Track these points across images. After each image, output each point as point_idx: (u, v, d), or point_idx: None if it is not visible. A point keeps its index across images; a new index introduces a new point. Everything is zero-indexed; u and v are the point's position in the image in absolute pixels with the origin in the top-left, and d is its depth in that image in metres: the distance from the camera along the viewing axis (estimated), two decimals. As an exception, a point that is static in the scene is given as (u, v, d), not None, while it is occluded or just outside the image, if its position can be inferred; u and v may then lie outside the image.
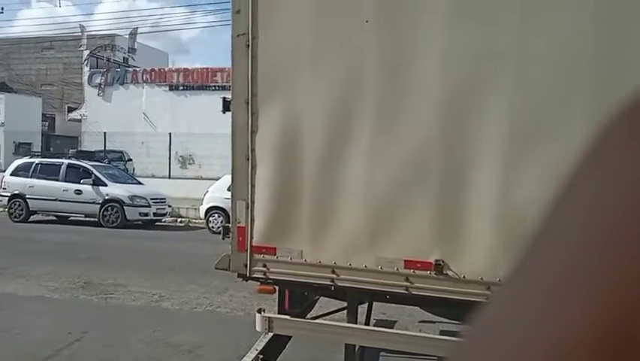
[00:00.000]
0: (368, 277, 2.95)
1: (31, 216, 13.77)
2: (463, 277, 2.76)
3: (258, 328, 3.40)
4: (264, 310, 3.42)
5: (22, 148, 22.62)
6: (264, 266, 3.21)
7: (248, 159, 3.08)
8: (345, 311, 3.40)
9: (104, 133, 21.12)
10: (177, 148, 21.92)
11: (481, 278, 2.72)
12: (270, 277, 3.26)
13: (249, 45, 2.93)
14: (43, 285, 6.93)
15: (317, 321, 3.64)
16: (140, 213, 13.21)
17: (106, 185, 13.35)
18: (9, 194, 13.83)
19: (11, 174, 14.14)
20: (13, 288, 6.77)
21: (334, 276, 3.02)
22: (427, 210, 2.82)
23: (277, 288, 3.47)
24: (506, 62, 2.70)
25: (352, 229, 2.97)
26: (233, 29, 3.00)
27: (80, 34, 29.83)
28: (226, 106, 3.26)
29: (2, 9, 29.83)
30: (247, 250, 3.17)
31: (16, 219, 13.64)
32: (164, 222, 14.12)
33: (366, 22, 2.82)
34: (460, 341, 0.22)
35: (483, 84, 2.74)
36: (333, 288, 3.13)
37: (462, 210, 2.78)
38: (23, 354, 4.58)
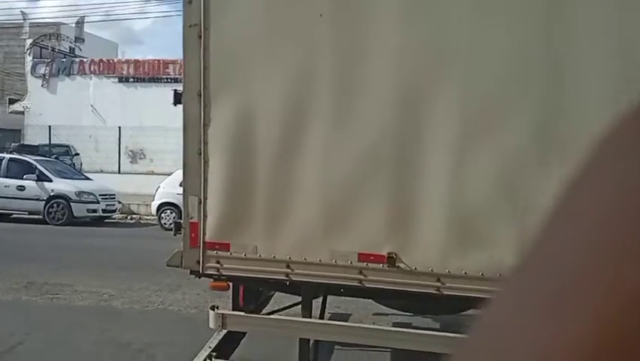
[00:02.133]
0: (323, 270, 2.96)
1: (-31, 214, 13.02)
2: (415, 269, 2.81)
3: (212, 325, 3.35)
4: (217, 307, 3.37)
5: (-42, 142, 21.30)
6: (218, 262, 3.16)
7: (200, 153, 3.01)
8: (300, 306, 3.40)
9: (49, 126, 20.21)
10: (127, 142, 21.26)
11: (432, 270, 2.78)
12: (224, 273, 3.21)
13: (200, 36, 2.86)
14: (-19, 286, 6.56)
15: (271, 317, 3.63)
16: (87, 210, 12.75)
17: (51, 180, 12.79)
18: (-57, 190, 13.02)
19: (-54, 170, 13.31)
20: (-52, 290, 6.38)
21: (289, 271, 3.01)
22: (380, 204, 2.85)
23: (231, 284, 3.43)
24: (457, 57, 2.76)
25: (306, 223, 2.97)
26: (184, 20, 2.92)
27: (21, 21, 28.31)
28: (177, 98, 3.18)
29: None
30: (200, 246, 3.11)
31: (-49, 218, 12.87)
32: (114, 219, 13.69)
33: (320, 15, 2.81)
34: (463, 340, 0.22)
35: (435, 79, 2.79)
36: (288, 283, 3.12)
37: (414, 204, 2.83)
38: (-41, 359, 4.33)
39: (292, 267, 3.00)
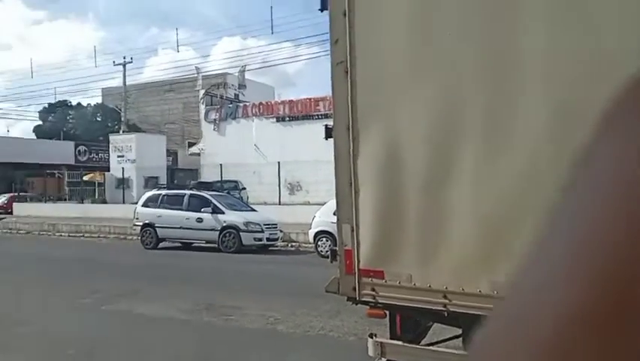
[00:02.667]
0: (483, 302, 2.79)
1: (160, 243, 15.08)
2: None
3: (371, 353, 3.37)
4: (375, 335, 3.40)
5: (150, 182, 25.01)
6: (373, 290, 3.19)
7: (351, 184, 3.12)
8: (461, 338, 3.26)
9: (220, 165, 22.67)
10: (286, 176, 22.82)
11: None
12: (380, 301, 3.23)
13: (347, 72, 3.01)
14: (171, 306, 7.52)
15: (431, 348, 3.53)
16: (254, 239, 13.87)
17: (223, 213, 14.24)
18: (141, 223, 15.32)
19: (142, 206, 15.66)
20: (147, 309, 7.43)
21: (446, 301, 2.92)
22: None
23: (387, 312, 3.43)
24: (614, 62, 2.47)
25: (463, 251, 2.85)
26: (332, 58, 3.10)
27: (195, 75, 32.58)
28: (328, 133, 3.35)
29: (132, 59, 33.49)
30: (355, 273, 3.19)
31: (147, 246, 15.03)
32: (277, 246, 14.67)
33: (449, 34, 2.78)
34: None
35: (590, 89, 2.53)
36: (446, 314, 3.01)
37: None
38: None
39: (449, 297, 2.90)
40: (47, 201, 27.41)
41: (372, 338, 3.42)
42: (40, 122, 48.71)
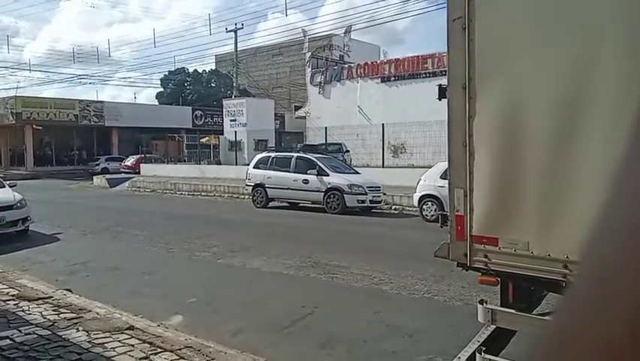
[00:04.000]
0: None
1: (269, 203, 15.86)
2: None
3: (481, 319, 3.30)
4: (486, 302, 3.30)
5: (260, 144, 26.14)
6: (485, 257, 3.09)
7: (465, 146, 2.99)
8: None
9: (325, 128, 22.96)
10: (389, 138, 22.53)
11: None
12: (492, 268, 3.13)
13: (465, 28, 2.84)
14: (281, 263, 7.94)
15: (544, 318, 3.36)
16: (357, 201, 14.03)
17: (328, 175, 14.54)
18: (252, 184, 16.19)
19: (254, 167, 16.50)
20: (259, 264, 7.92)
21: (566, 271, 2.74)
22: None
23: (500, 280, 3.32)
24: None
25: (587, 220, 2.64)
26: (448, 13, 2.94)
27: (302, 38, 32.92)
28: (442, 93, 3.22)
29: (242, 25, 34.63)
30: (466, 240, 3.10)
31: (258, 205, 15.89)
32: (379, 209, 14.72)
33: None
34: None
35: None
36: (564, 284, 2.84)
37: None
38: (268, 322, 5.33)
39: (570, 267, 2.72)
40: (169, 163, 29.89)
41: (482, 304, 3.34)
42: (162, 89, 52.72)
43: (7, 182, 12.00)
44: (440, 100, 3.31)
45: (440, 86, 3.32)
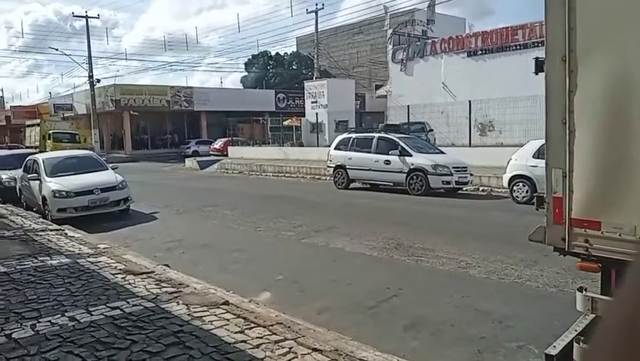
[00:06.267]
0: None
1: (350, 184, 15.90)
2: None
3: (579, 307, 3.11)
4: (585, 289, 3.11)
5: (340, 125, 26.16)
6: (586, 241, 2.90)
7: (565, 123, 2.80)
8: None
9: (407, 106, 22.45)
10: (476, 115, 21.59)
11: None
12: (593, 253, 2.93)
13: (565, -5, 2.62)
14: (363, 243, 7.97)
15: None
16: (442, 182, 13.65)
17: (411, 155, 14.25)
18: (334, 165, 16.30)
19: (335, 148, 16.58)
20: (342, 244, 8.01)
21: (681, 259, 2.49)
22: None
23: (601, 266, 3.10)
24: None
25: None
26: (546, -19, 2.73)
27: (384, 15, 32.25)
28: (539, 66, 3.01)
29: (323, 5, 34.62)
30: (565, 223, 2.92)
31: (339, 187, 16.00)
32: (466, 190, 14.24)
33: None
34: None
35: None
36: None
37: None
38: (352, 302, 5.39)
39: (687, 254, 2.47)
40: (254, 145, 30.88)
41: (581, 291, 3.14)
42: (245, 73, 54.34)
43: (110, 165, 13.07)
44: (537, 74, 3.10)
45: (537, 59, 3.11)
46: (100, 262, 6.52)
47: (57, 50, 36.44)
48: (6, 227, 9.42)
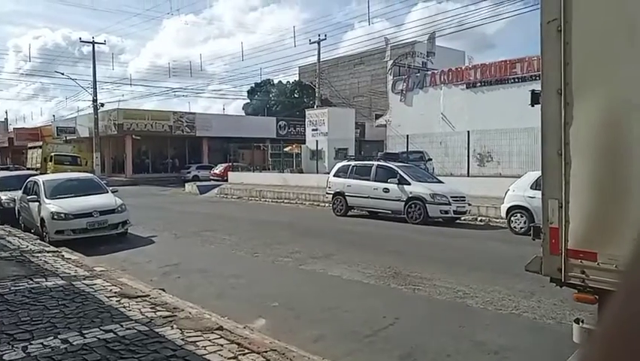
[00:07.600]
0: None
1: (349, 211, 15.90)
2: None
3: (576, 339, 3.10)
4: (582, 321, 3.09)
5: (340, 153, 26.31)
6: (582, 272, 2.90)
7: (560, 154, 2.84)
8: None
9: (407, 135, 22.64)
10: (475, 146, 21.75)
11: None
12: (590, 285, 2.93)
13: (560, 30, 2.70)
14: (361, 271, 7.92)
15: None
16: (440, 211, 13.66)
17: (409, 184, 14.30)
18: (333, 192, 16.34)
19: (334, 175, 16.65)
20: (339, 271, 7.96)
21: (678, 291, 2.49)
22: None
23: (598, 298, 3.09)
24: None
25: None
26: (542, 16, 2.82)
27: (384, 46, 32.80)
28: (535, 98, 3.08)
29: (325, 36, 35.26)
30: (561, 254, 2.93)
31: (337, 213, 16.00)
32: (464, 220, 14.23)
33: None
34: None
35: None
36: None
37: None
38: (348, 330, 5.33)
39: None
40: (254, 171, 30.97)
41: (578, 323, 3.13)
42: (248, 100, 54.89)
43: (110, 188, 13.09)
44: (533, 106, 3.16)
45: (533, 91, 3.18)
46: (95, 284, 6.47)
47: (63, 74, 36.93)
48: (3, 248, 9.37)
